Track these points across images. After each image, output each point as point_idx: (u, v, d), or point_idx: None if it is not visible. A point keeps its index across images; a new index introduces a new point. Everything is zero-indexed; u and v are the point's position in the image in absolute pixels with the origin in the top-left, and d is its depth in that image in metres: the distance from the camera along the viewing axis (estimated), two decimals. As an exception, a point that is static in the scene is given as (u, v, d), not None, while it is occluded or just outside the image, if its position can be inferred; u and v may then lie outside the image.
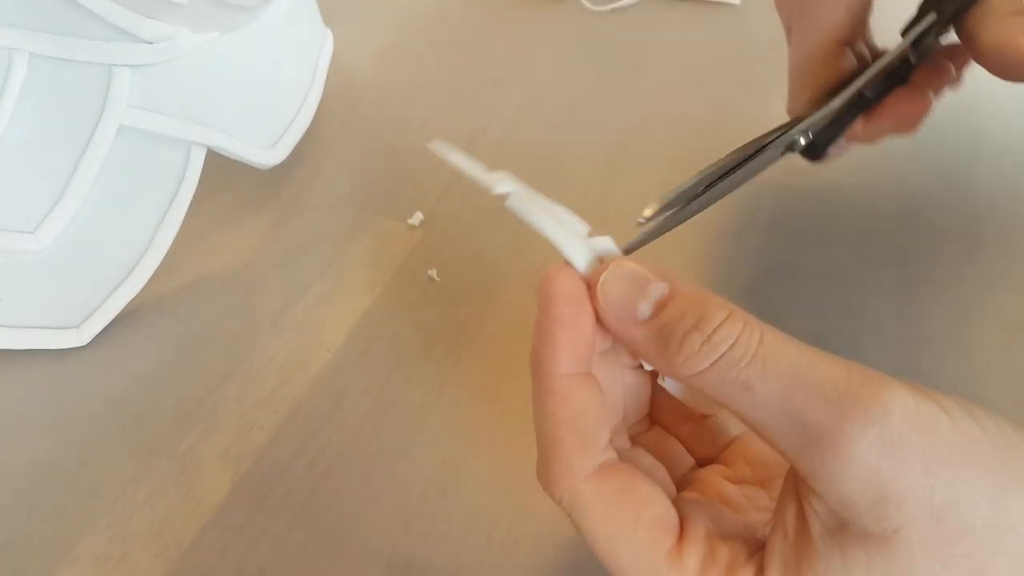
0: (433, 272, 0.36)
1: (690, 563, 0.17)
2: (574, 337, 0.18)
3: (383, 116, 0.46)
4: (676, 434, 0.23)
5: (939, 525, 0.15)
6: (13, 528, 0.28)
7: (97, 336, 0.34)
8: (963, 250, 0.36)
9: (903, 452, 0.15)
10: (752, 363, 0.16)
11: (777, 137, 0.28)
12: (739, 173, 0.26)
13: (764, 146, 0.27)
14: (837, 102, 0.29)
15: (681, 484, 0.21)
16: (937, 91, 0.31)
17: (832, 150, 0.30)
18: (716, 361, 0.17)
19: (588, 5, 0.55)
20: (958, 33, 0.28)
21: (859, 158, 0.41)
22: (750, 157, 0.27)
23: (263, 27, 0.38)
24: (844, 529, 0.16)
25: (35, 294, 0.33)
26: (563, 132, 0.44)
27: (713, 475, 0.21)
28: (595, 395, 0.19)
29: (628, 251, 0.21)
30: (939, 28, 0.28)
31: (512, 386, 0.31)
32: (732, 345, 0.17)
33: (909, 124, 0.30)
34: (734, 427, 0.23)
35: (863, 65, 0.30)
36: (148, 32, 0.32)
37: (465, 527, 0.27)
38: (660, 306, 0.18)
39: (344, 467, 0.29)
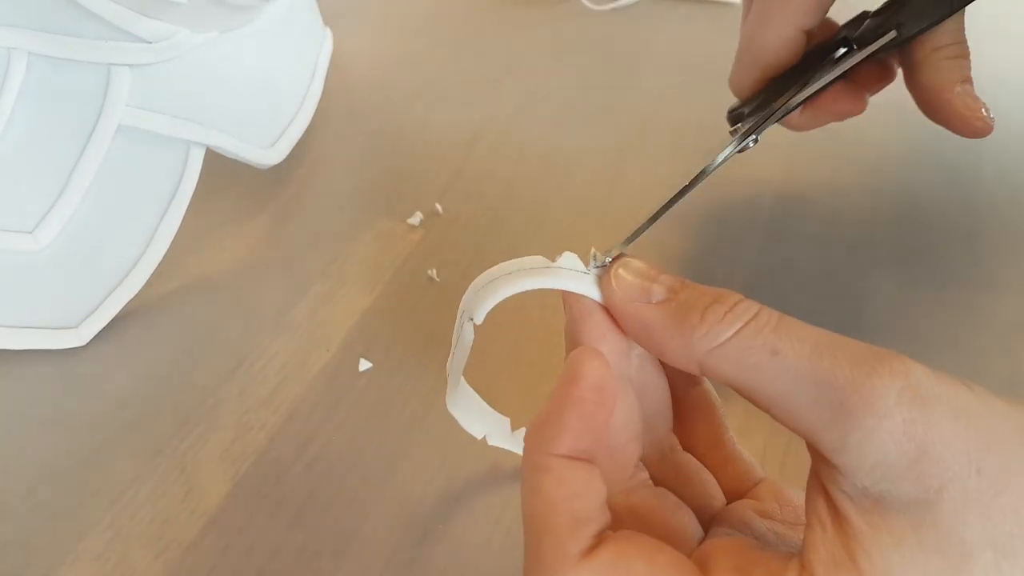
0: (433, 272, 0.36)
1: None
2: (585, 425, 0.17)
3: (383, 116, 0.46)
4: (706, 463, 0.22)
5: (980, 477, 0.15)
6: (13, 528, 0.28)
7: (96, 336, 0.34)
8: (964, 250, 0.36)
9: (932, 404, 0.15)
10: (778, 328, 0.16)
11: (728, 154, 0.27)
12: (690, 187, 0.25)
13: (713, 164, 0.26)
14: (793, 102, 0.28)
15: (711, 523, 0.20)
16: (876, 91, 0.31)
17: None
18: (741, 328, 0.17)
19: (588, 5, 0.55)
20: (900, 53, 0.29)
21: (859, 158, 0.41)
22: (701, 173, 0.25)
23: (262, 27, 0.38)
24: (882, 504, 0.15)
25: (34, 294, 0.33)
26: (563, 132, 0.44)
27: (742, 509, 0.20)
28: (594, 478, 0.18)
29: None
30: (894, 45, 0.28)
31: (512, 387, 0.31)
32: (756, 314, 0.17)
33: (843, 118, 0.31)
34: (760, 470, 0.22)
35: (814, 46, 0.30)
36: (147, 32, 0.32)
37: (465, 527, 0.27)
38: (674, 291, 0.18)
39: (344, 467, 0.29)
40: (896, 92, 0.45)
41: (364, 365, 0.32)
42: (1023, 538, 0.15)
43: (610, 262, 0.20)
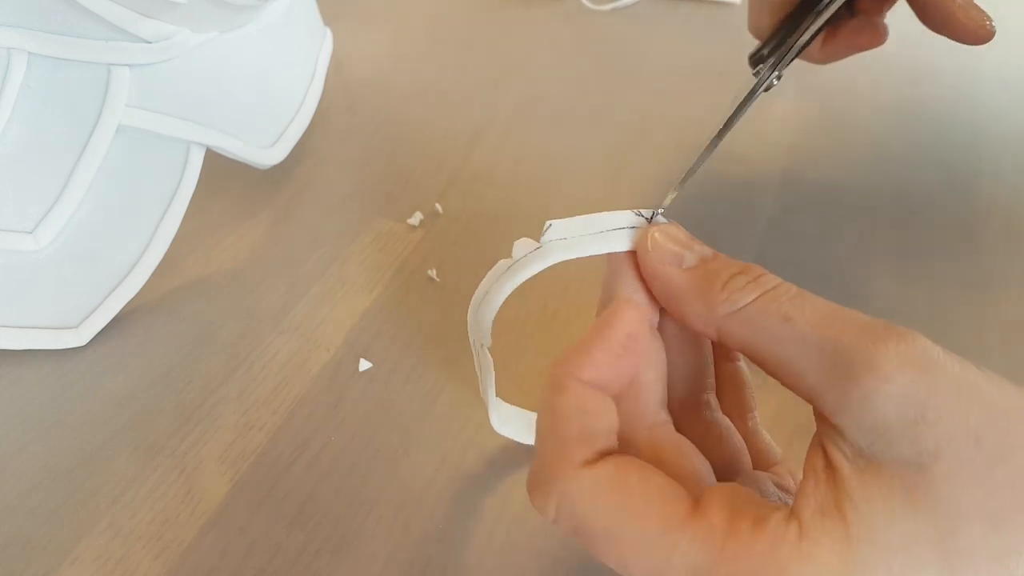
0: (433, 272, 0.36)
1: (714, 518, 0.16)
2: (610, 366, 0.19)
3: (383, 116, 0.46)
4: (741, 431, 0.22)
5: (978, 446, 0.15)
6: (13, 528, 0.28)
7: (96, 336, 0.34)
8: (963, 250, 0.36)
9: (935, 371, 0.16)
10: (794, 299, 0.17)
11: (755, 88, 0.29)
12: (728, 128, 0.28)
13: (744, 100, 0.29)
14: (805, 37, 0.30)
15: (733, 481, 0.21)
16: (885, 11, 0.33)
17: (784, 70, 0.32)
18: (760, 296, 0.18)
19: (588, 4, 0.55)
20: None
21: (859, 158, 0.41)
22: (736, 112, 0.28)
23: (262, 27, 0.38)
24: (877, 465, 0.16)
25: (33, 294, 0.33)
26: (563, 132, 0.44)
27: (763, 477, 0.21)
28: (607, 406, 0.18)
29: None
30: None
31: (512, 386, 0.31)
32: (776, 286, 0.18)
33: (862, 50, 0.34)
34: (779, 453, 0.22)
35: None
36: (147, 31, 0.32)
37: (465, 527, 0.27)
38: (704, 260, 0.19)
39: (344, 467, 0.29)
40: (896, 93, 0.46)
41: (364, 365, 0.32)
42: (1015, 511, 0.15)
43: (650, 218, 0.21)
